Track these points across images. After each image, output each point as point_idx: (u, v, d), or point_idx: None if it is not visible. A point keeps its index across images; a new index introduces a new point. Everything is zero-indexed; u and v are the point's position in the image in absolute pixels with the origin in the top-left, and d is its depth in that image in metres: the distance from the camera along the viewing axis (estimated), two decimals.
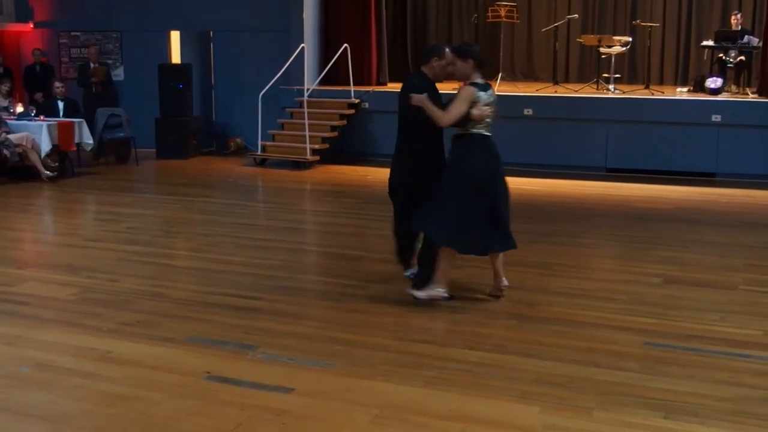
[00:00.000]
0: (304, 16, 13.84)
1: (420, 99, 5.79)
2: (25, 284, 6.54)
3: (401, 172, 6.14)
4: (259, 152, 13.39)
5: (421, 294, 5.91)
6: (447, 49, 6.12)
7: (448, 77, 6.18)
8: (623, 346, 5.18)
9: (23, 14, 15.62)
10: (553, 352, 5.05)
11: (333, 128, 13.27)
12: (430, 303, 5.89)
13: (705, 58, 14.01)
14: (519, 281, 6.49)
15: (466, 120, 5.80)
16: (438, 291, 5.90)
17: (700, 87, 12.95)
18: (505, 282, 6.16)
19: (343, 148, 13.42)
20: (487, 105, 5.82)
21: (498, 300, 6.11)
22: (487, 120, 5.88)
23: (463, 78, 6.01)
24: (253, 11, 14.26)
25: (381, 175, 12.05)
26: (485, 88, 5.90)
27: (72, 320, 5.64)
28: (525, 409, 4.26)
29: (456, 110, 5.78)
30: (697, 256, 7.51)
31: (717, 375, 4.72)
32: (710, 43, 13.18)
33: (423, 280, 6.00)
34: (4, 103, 12.17)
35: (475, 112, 5.78)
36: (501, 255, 6.11)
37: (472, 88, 5.82)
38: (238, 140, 14.75)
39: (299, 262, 7.55)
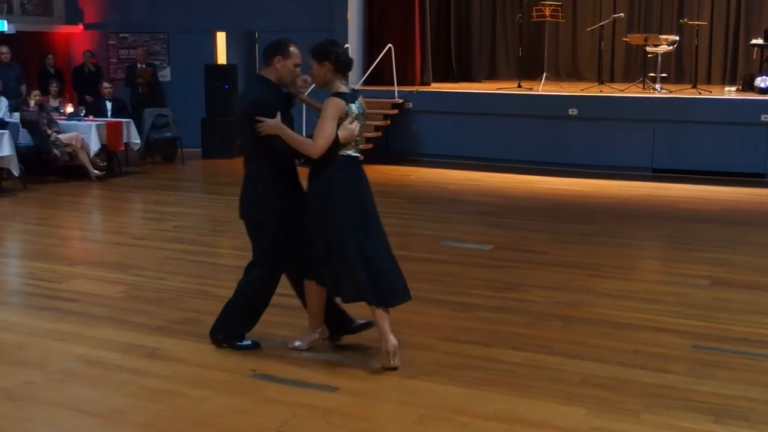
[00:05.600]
0: (349, 16, 13.91)
1: (273, 125, 4.63)
2: (75, 281, 6.66)
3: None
4: None
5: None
6: (292, 47, 4.83)
7: (295, 81, 4.90)
8: (670, 348, 5.12)
9: (73, 16, 15.89)
10: (598, 354, 5.01)
11: (377, 128, 13.30)
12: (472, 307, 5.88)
13: (754, 56, 13.77)
14: (563, 282, 6.45)
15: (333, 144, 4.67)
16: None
17: (748, 86, 12.74)
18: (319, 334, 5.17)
19: (387, 148, 13.45)
20: (355, 121, 4.71)
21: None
22: (357, 138, 4.80)
23: (323, 86, 4.80)
24: (297, 11, 14.34)
25: (424, 175, 12.16)
26: (353, 97, 4.75)
27: (120, 317, 5.73)
28: (571, 410, 4.23)
29: (326, 134, 4.61)
30: (746, 258, 7.40)
31: (767, 379, 4.65)
32: (759, 41, 12.97)
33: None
34: (55, 103, 12.39)
35: (341, 133, 4.65)
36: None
37: (339, 102, 4.66)
38: None
39: None
